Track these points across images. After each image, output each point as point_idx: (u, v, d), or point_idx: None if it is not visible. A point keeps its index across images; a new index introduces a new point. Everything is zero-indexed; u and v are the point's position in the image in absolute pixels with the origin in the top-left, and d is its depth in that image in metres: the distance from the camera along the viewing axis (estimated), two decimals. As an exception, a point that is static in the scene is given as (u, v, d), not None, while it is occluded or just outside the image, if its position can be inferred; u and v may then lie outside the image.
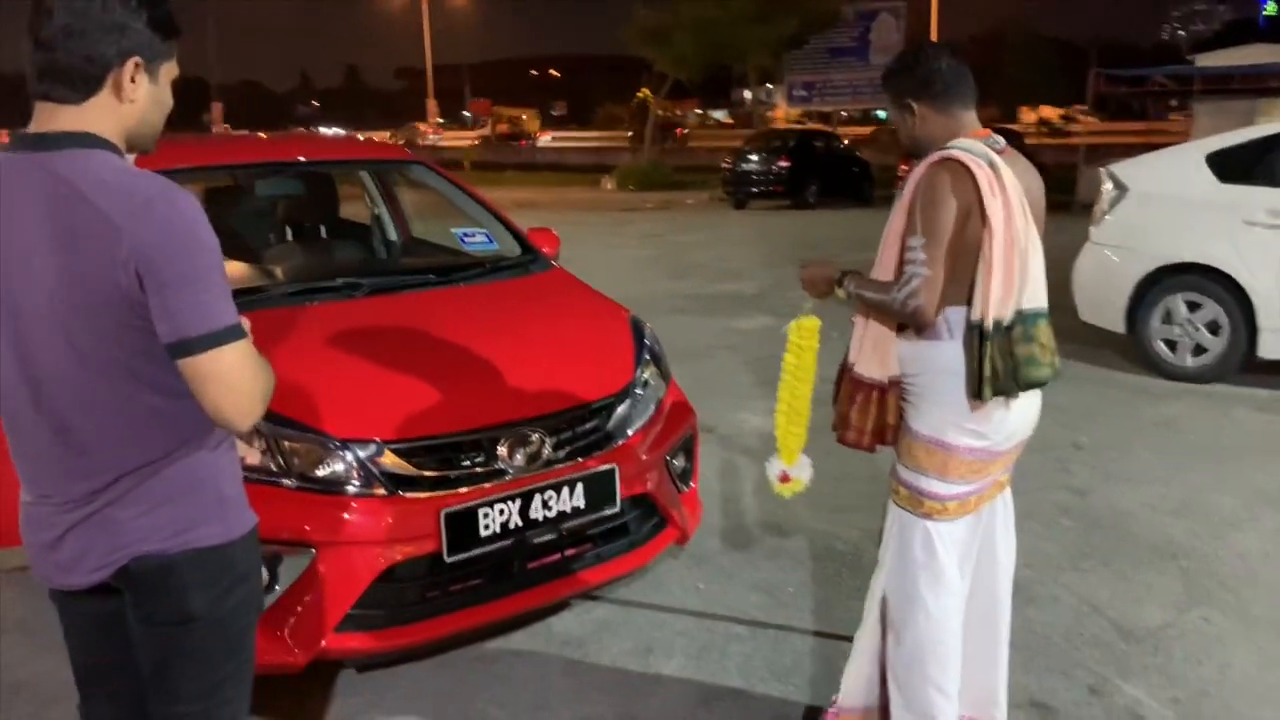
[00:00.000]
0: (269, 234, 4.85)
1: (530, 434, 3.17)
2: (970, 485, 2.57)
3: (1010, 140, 9.49)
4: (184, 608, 1.78)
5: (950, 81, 2.51)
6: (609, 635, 3.49)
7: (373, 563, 2.93)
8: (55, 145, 1.65)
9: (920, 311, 2.38)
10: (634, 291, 10.28)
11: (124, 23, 1.66)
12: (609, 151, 40.45)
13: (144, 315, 1.62)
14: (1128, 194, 6.87)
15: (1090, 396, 6.35)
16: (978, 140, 2.47)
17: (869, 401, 2.59)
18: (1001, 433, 2.52)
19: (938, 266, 2.36)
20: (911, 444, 2.57)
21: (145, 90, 1.72)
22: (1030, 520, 4.41)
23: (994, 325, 2.37)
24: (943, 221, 2.36)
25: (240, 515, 1.87)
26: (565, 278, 4.26)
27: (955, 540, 2.61)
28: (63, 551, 1.76)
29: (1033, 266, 2.44)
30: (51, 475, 1.74)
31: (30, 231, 1.62)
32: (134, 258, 1.58)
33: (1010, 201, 2.38)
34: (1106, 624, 3.55)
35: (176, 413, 1.73)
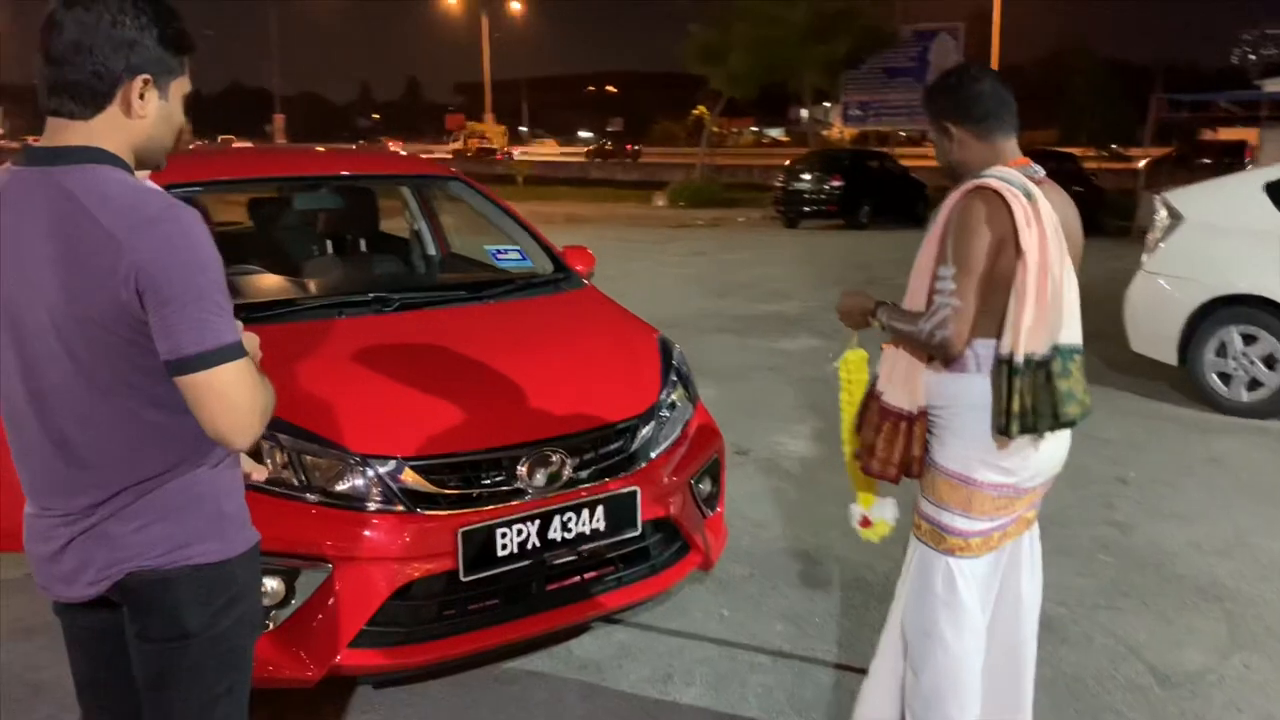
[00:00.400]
0: (307, 247, 4.90)
1: (551, 454, 3.14)
2: (995, 521, 2.50)
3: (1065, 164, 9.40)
4: (179, 624, 1.78)
5: (992, 107, 2.45)
6: (628, 660, 3.45)
7: (389, 579, 2.91)
8: (63, 160, 1.65)
9: (947, 343, 2.32)
10: (677, 310, 10.28)
11: (133, 39, 1.66)
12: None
13: (144, 332, 1.63)
14: (1183, 222, 6.70)
15: (1139, 429, 6.18)
16: (1016, 169, 2.40)
17: (896, 431, 2.52)
18: (1028, 470, 2.46)
19: (968, 298, 2.30)
20: (936, 478, 2.50)
21: (155, 107, 1.72)
22: (1067, 555, 4.30)
23: (1025, 360, 2.30)
24: (975, 252, 2.30)
25: (240, 533, 1.86)
26: (596, 296, 4.24)
27: (977, 577, 2.54)
28: (63, 564, 1.77)
29: (1068, 301, 2.38)
30: (53, 488, 1.75)
31: (36, 245, 1.63)
32: (135, 274, 1.58)
33: (1046, 234, 2.32)
34: (1143, 667, 3.43)
35: (176, 428, 1.73)
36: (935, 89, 2.51)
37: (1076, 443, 5.82)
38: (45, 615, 3.59)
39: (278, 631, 2.84)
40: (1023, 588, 2.68)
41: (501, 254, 4.48)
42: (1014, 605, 2.67)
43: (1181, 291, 6.64)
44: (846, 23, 26.74)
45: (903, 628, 2.62)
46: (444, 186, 5.00)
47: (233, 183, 4.50)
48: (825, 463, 5.43)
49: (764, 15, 26.10)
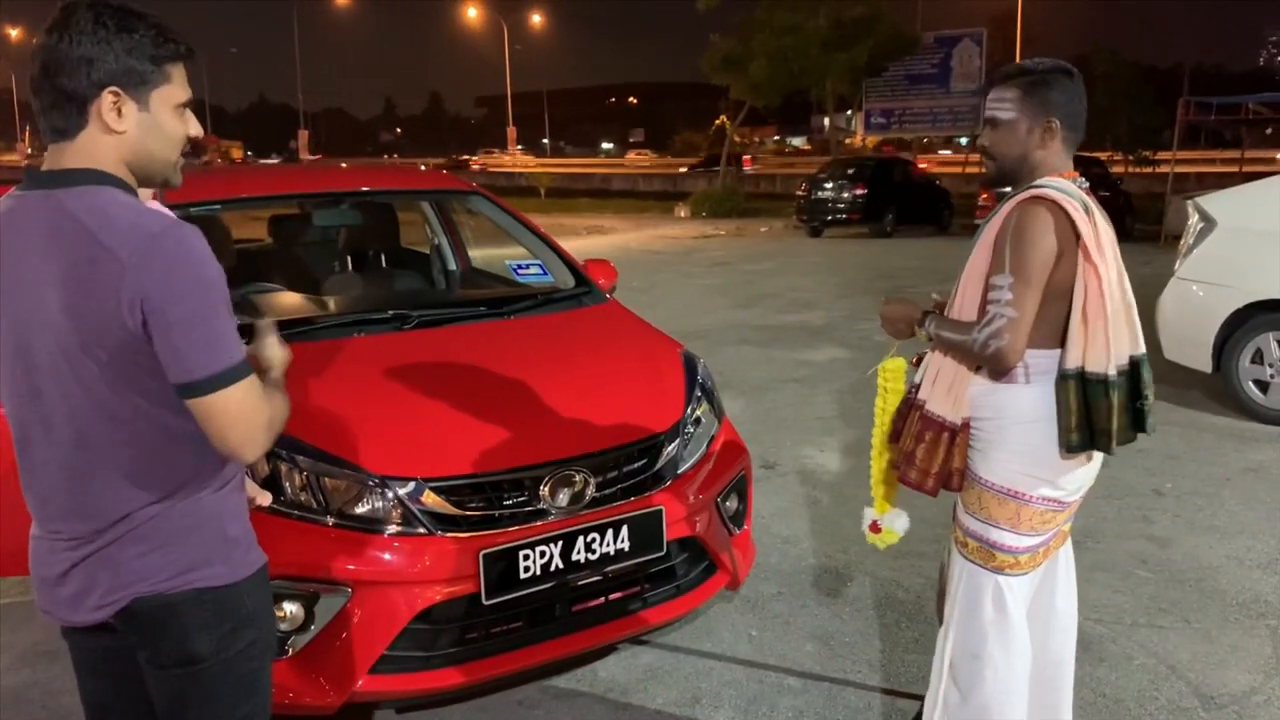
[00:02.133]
0: (326, 264, 4.88)
1: (574, 473, 3.08)
2: (1042, 536, 2.45)
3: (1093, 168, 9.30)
4: (187, 649, 1.75)
5: (1084, 121, 2.41)
6: (655, 683, 3.37)
7: (410, 603, 2.86)
8: (64, 182, 1.64)
9: (1002, 354, 2.25)
10: (701, 321, 10.22)
11: (90, 55, 1.63)
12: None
13: (149, 354, 1.61)
14: (1215, 227, 6.57)
15: (1174, 440, 6.05)
16: (1071, 180, 2.36)
17: (938, 443, 2.46)
18: (1075, 483, 2.42)
19: (1025, 308, 2.23)
20: (982, 494, 2.44)
21: (134, 120, 1.68)
22: (1104, 571, 4.19)
23: (1117, 373, 2.27)
24: (1036, 262, 2.23)
25: (246, 556, 1.84)
26: (618, 311, 4.17)
27: (1024, 595, 2.49)
28: (67, 588, 1.75)
29: (1134, 313, 2.35)
30: (59, 511, 1.73)
31: (39, 267, 1.62)
32: (139, 297, 1.56)
33: (1104, 245, 2.28)
34: (1185, 687, 3.32)
35: (180, 452, 1.71)
36: (1054, 82, 2.37)
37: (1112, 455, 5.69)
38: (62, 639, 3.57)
39: (297, 657, 2.79)
40: (1058, 602, 2.62)
41: (522, 269, 4.43)
42: (1048, 621, 2.61)
43: (1215, 298, 6.51)
44: (867, 30, 26.62)
45: (950, 649, 2.55)
46: (464, 201, 4.96)
47: (253, 200, 4.47)
48: (853, 476, 5.34)
49: (784, 24, 26.04)
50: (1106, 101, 29.83)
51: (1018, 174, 2.42)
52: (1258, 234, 6.39)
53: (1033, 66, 2.42)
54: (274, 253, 5.12)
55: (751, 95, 28.24)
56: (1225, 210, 6.62)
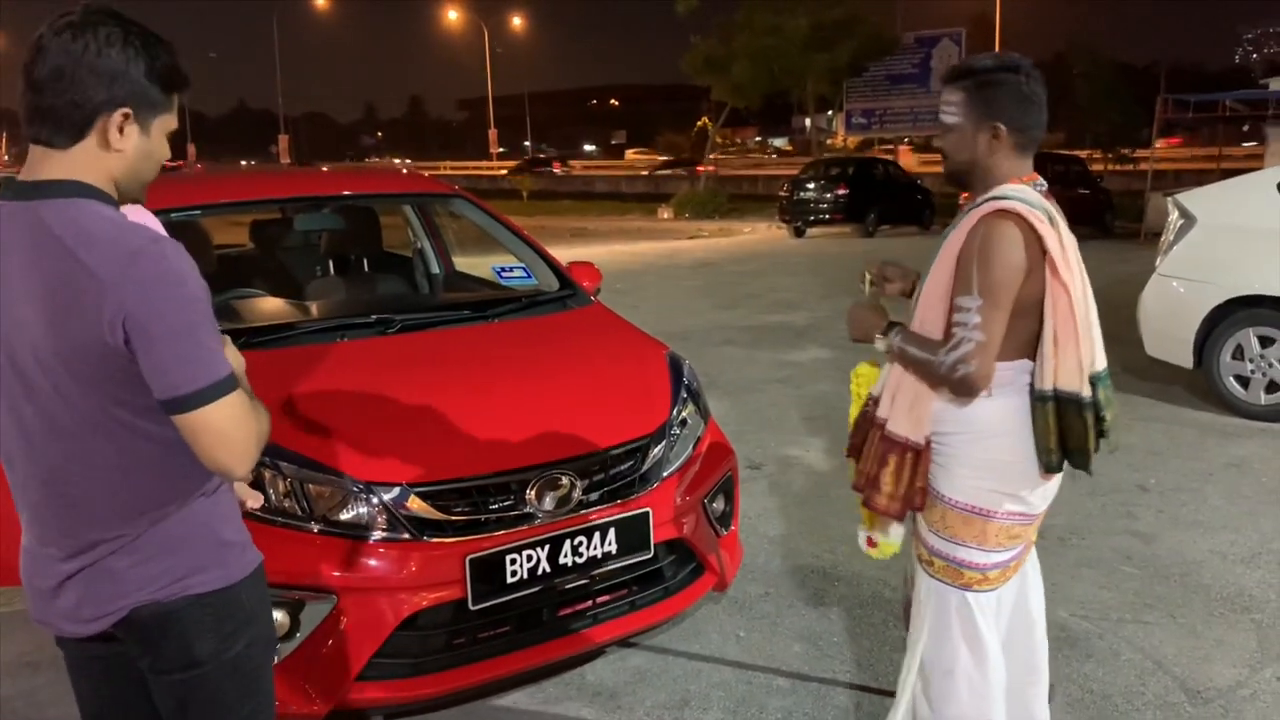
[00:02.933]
0: (308, 268, 4.85)
1: (560, 477, 3.07)
2: (1012, 551, 2.38)
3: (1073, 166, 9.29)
4: (189, 654, 1.74)
5: (1042, 119, 2.26)
6: (643, 686, 3.36)
7: (396, 610, 2.85)
8: (44, 194, 1.61)
9: (970, 380, 2.15)
10: (685, 322, 10.22)
11: (117, 71, 1.61)
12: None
13: (130, 369, 1.59)
14: (1195, 224, 6.61)
15: (1157, 435, 6.09)
16: (1029, 185, 2.24)
17: (903, 464, 2.33)
18: (1043, 494, 2.35)
19: (994, 331, 2.13)
20: (946, 512, 2.34)
21: (135, 142, 1.66)
22: (1090, 568, 4.21)
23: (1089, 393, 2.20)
24: (1004, 282, 2.13)
25: (241, 557, 1.82)
26: (603, 313, 4.16)
27: (995, 609, 2.42)
28: (63, 599, 1.73)
29: (1095, 326, 2.27)
30: (51, 524, 1.71)
31: (19, 282, 1.59)
32: (121, 315, 1.54)
33: (1070, 258, 2.20)
34: (1172, 682, 3.33)
35: (169, 462, 1.70)
36: (998, 82, 2.23)
37: (1095, 451, 5.68)
38: (49, 650, 3.52)
39: (282, 665, 2.76)
40: (1031, 605, 2.56)
41: (506, 272, 4.41)
42: (1027, 625, 2.55)
43: (1196, 294, 6.55)
44: (848, 30, 26.76)
45: (921, 665, 2.47)
46: (446, 204, 4.94)
47: (234, 205, 4.44)
48: (840, 476, 5.34)
49: (765, 25, 26.15)
50: (1086, 100, 30.01)
51: (971, 177, 2.32)
52: (1237, 230, 6.43)
53: (979, 66, 2.28)
54: (255, 258, 5.09)
55: (733, 96, 28.34)
56: (1205, 207, 6.67)
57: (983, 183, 2.29)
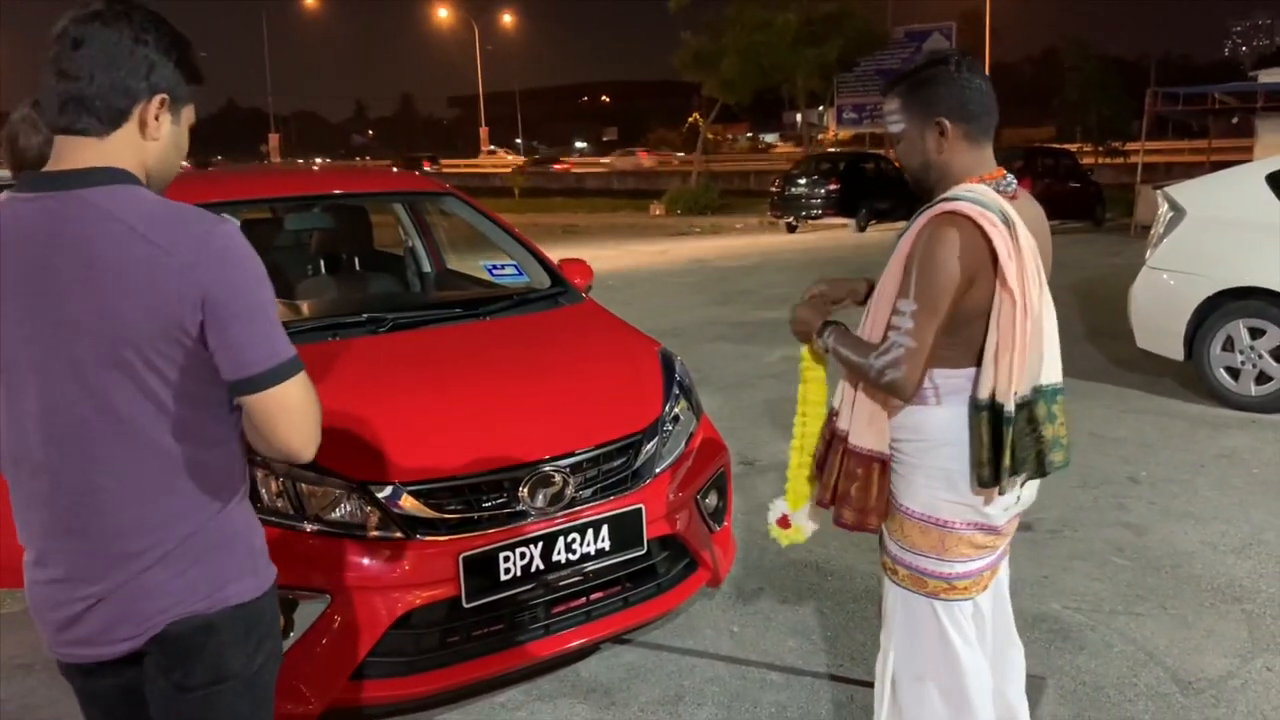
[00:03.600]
0: (300, 267, 4.84)
1: (552, 474, 3.07)
2: (981, 561, 2.26)
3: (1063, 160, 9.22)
4: (220, 669, 1.70)
5: (988, 105, 2.16)
6: (638, 682, 3.37)
7: (390, 608, 2.85)
8: (87, 181, 1.57)
9: (897, 386, 2.08)
10: (677, 319, 10.22)
11: (155, 59, 1.62)
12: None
13: (198, 356, 1.57)
14: (1185, 216, 6.63)
15: (1148, 427, 6.11)
16: (989, 184, 2.15)
17: (870, 478, 2.24)
18: (1000, 507, 2.23)
19: (925, 337, 2.05)
20: (904, 521, 2.25)
21: (168, 129, 1.67)
22: (1082, 560, 4.22)
23: (1016, 406, 2.07)
24: (941, 288, 2.04)
25: (267, 566, 1.81)
26: (594, 310, 4.17)
27: (970, 616, 2.30)
28: (88, 624, 1.66)
29: (1049, 337, 2.15)
30: (75, 541, 1.63)
31: (63, 276, 1.54)
32: (200, 294, 1.53)
33: (1026, 265, 2.07)
34: (1163, 673, 3.35)
35: (212, 463, 1.67)
36: (929, 78, 2.16)
37: (1086, 443, 5.75)
38: (43, 652, 3.53)
39: (277, 665, 2.77)
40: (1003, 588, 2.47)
41: (498, 269, 4.41)
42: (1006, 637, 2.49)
43: (1186, 286, 6.57)
44: (838, 25, 26.78)
45: (893, 672, 2.38)
46: (438, 202, 4.94)
47: (225, 204, 4.43)
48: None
49: (755, 20, 26.14)
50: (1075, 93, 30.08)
51: (928, 181, 2.24)
52: (1227, 222, 6.46)
53: (908, 69, 2.23)
54: None
55: (723, 92, 28.34)
56: (1195, 199, 6.69)
57: (941, 184, 2.20)
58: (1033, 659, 3.41)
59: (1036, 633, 3.62)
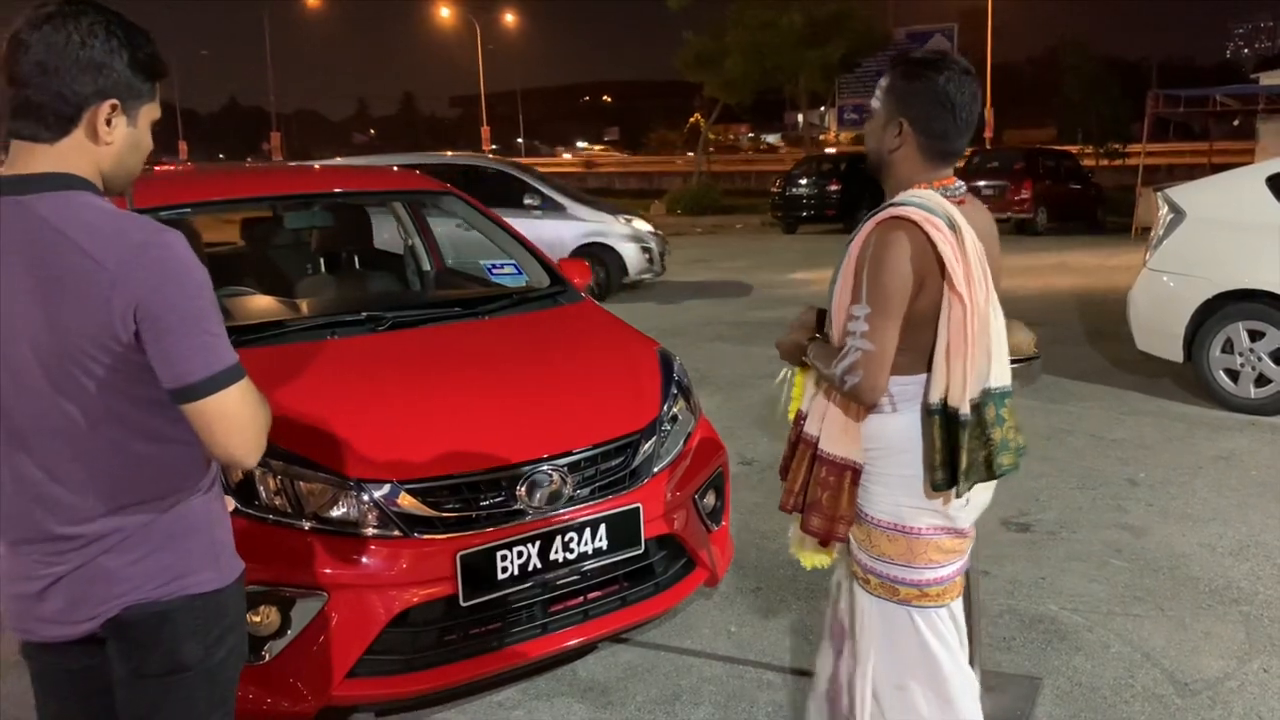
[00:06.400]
0: (299, 266, 4.85)
1: (550, 473, 3.07)
2: (951, 566, 2.25)
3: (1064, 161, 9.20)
4: (176, 658, 1.73)
5: (958, 129, 2.13)
6: (635, 681, 3.37)
7: (387, 606, 2.85)
8: (34, 187, 1.59)
9: (859, 391, 2.08)
10: (676, 318, 10.23)
11: (102, 61, 1.60)
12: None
13: (134, 361, 1.58)
14: (1185, 218, 6.63)
15: (1147, 429, 6.11)
16: (938, 190, 2.14)
17: (841, 485, 2.23)
18: (964, 511, 2.23)
19: (883, 340, 2.05)
20: (871, 530, 2.23)
21: (122, 133, 1.66)
22: (1080, 561, 4.23)
23: (970, 409, 2.08)
24: (892, 291, 2.05)
25: (231, 560, 1.83)
26: (593, 309, 4.17)
27: (944, 623, 2.27)
28: (49, 602, 1.70)
29: (997, 340, 2.14)
30: (37, 525, 1.68)
31: (13, 277, 1.57)
32: (132, 306, 1.54)
33: (972, 268, 2.07)
34: (1160, 674, 3.35)
35: (167, 458, 1.69)
36: (915, 77, 2.14)
37: (1085, 444, 5.74)
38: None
39: (273, 663, 2.78)
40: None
41: (497, 268, 4.42)
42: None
43: (1186, 288, 6.57)
44: (840, 26, 26.77)
45: (874, 683, 2.33)
46: (437, 201, 4.94)
47: (224, 203, 4.44)
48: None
49: (757, 20, 26.13)
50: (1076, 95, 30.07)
51: (881, 171, 2.24)
52: (1227, 224, 6.46)
53: (912, 58, 2.19)
54: (246, 256, 5.09)
55: (725, 92, 28.34)
56: (1195, 201, 6.69)
57: (890, 181, 2.22)
58: (1029, 660, 3.44)
59: (1033, 633, 3.62)
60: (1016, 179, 19.95)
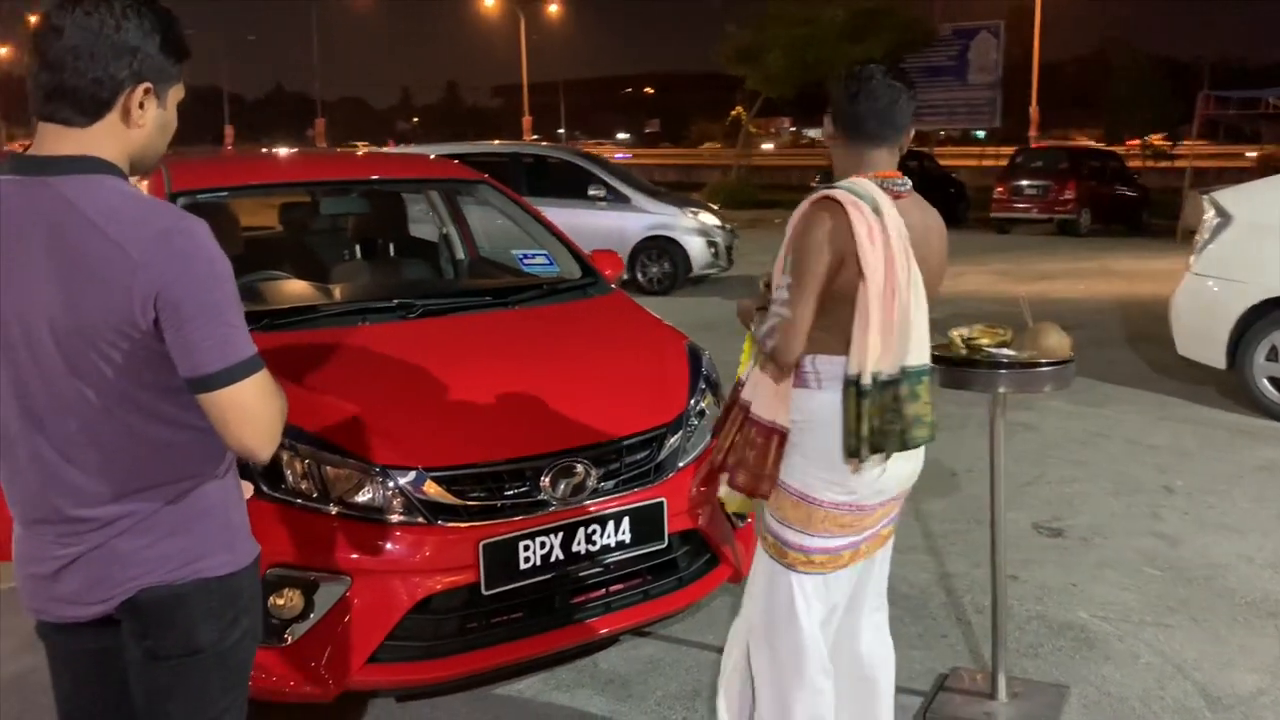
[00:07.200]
0: (334, 252, 4.87)
1: (575, 464, 3.06)
2: (842, 540, 2.40)
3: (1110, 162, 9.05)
4: (191, 640, 1.73)
5: (870, 127, 2.34)
6: (656, 675, 3.36)
7: (409, 593, 2.86)
8: (60, 169, 1.59)
9: (776, 354, 2.26)
10: (707, 313, 10.18)
11: (136, 45, 1.60)
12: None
13: (152, 348, 1.58)
14: (1232, 222, 6.49)
15: (1186, 436, 6.00)
16: (873, 180, 2.31)
17: (769, 447, 2.37)
18: (870, 488, 2.35)
19: (799, 310, 2.22)
20: (780, 495, 2.39)
21: (153, 115, 1.67)
22: (1112, 569, 4.16)
23: (872, 380, 2.21)
24: (811, 265, 2.22)
25: (246, 544, 1.83)
26: (623, 301, 4.15)
27: (820, 594, 2.44)
28: (64, 583, 1.71)
29: (917, 321, 2.29)
30: (52, 506, 1.68)
31: (33, 258, 1.57)
32: (152, 294, 1.54)
33: (893, 250, 2.21)
34: (1191, 688, 3.29)
35: (183, 443, 1.69)
36: (844, 83, 2.38)
37: (1121, 449, 5.65)
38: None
39: (295, 646, 2.79)
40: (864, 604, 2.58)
41: (528, 258, 4.41)
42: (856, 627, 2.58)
43: (1231, 293, 6.44)
44: (883, 21, 26.48)
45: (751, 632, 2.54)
46: (472, 190, 4.94)
47: (261, 187, 4.48)
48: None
49: (800, 15, 25.93)
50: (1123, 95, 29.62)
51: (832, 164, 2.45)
52: (1274, 229, 6.31)
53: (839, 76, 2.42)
54: (282, 240, 5.13)
55: (766, 86, 28.15)
56: (1242, 205, 6.55)
57: (836, 172, 2.42)
58: (1057, 668, 3.39)
59: (1062, 641, 3.57)
60: (1060, 179, 19.71)
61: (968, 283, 12.29)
